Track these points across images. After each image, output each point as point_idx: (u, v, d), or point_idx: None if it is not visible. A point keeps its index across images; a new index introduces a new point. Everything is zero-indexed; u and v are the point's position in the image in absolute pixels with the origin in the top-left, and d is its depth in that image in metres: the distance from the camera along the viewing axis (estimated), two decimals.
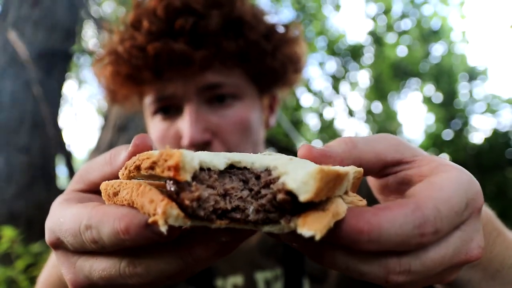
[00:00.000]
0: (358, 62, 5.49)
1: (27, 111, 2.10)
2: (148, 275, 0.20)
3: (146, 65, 0.42)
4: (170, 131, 0.46)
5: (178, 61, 0.40)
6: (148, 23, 0.41)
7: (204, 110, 0.44)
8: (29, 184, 2.04)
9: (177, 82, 0.43)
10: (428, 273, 0.20)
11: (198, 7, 0.40)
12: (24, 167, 2.03)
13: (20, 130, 2.06)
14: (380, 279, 0.19)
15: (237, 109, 0.45)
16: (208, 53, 0.41)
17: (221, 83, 0.44)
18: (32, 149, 2.08)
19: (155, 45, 0.40)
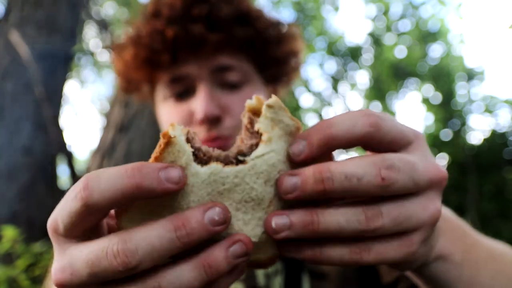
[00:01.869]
0: (357, 62, 5.52)
1: (29, 112, 2.10)
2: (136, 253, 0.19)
3: (165, 47, 0.46)
4: (182, 110, 0.49)
5: (194, 42, 0.45)
6: (167, 11, 0.46)
7: (216, 90, 0.48)
8: (31, 184, 2.04)
9: (192, 64, 0.47)
10: (397, 224, 0.22)
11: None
12: (25, 168, 2.03)
13: (21, 131, 2.06)
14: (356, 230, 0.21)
15: (246, 92, 0.49)
16: (221, 36, 0.46)
17: (232, 66, 0.48)
18: (34, 149, 2.08)
19: (173, 28, 0.45)
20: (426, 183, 0.23)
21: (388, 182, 0.20)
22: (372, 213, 0.21)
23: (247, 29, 0.48)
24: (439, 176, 0.24)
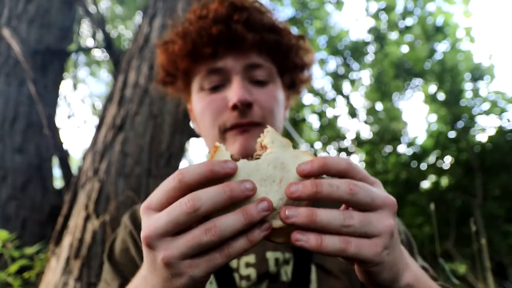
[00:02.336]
0: (359, 60, 5.43)
1: (22, 111, 2.06)
2: (200, 200, 0.31)
3: (208, 42, 0.57)
4: (217, 99, 0.58)
5: (234, 39, 0.56)
6: (213, 14, 0.58)
7: (247, 83, 0.59)
8: (24, 185, 2.00)
9: (228, 59, 0.58)
10: (364, 226, 0.33)
11: (250, 8, 0.60)
12: (18, 168, 2.00)
13: (14, 130, 2.02)
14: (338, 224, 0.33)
15: (271, 88, 0.60)
16: (256, 37, 0.58)
17: (261, 64, 0.60)
18: (27, 149, 2.04)
19: (218, 26, 0.56)
20: (381, 202, 0.35)
21: (353, 192, 0.33)
22: (347, 215, 0.33)
23: (275, 35, 0.60)
24: (390, 200, 0.36)
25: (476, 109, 4.88)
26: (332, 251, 0.32)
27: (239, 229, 0.32)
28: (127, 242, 0.64)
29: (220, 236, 0.31)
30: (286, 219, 0.32)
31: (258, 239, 0.33)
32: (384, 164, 5.59)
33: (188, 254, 0.32)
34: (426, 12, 5.12)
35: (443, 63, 5.05)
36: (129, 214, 0.69)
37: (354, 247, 0.33)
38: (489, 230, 4.00)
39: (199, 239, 0.31)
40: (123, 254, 0.64)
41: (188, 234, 0.32)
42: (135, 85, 1.99)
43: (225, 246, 0.32)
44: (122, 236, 0.66)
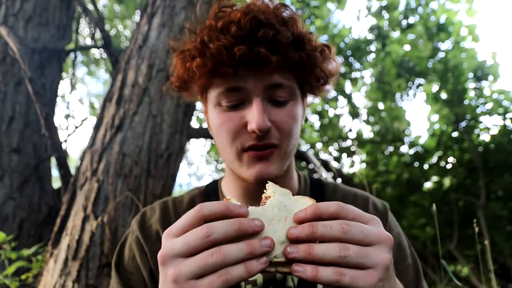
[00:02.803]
0: (361, 59, 5.39)
1: (20, 110, 2.04)
2: (213, 229, 0.38)
3: (230, 62, 0.54)
4: (235, 118, 0.57)
5: (257, 61, 0.53)
6: (235, 29, 0.54)
7: (267, 105, 0.58)
8: (21, 185, 1.99)
9: (250, 79, 0.56)
10: (360, 257, 0.38)
11: (274, 23, 0.55)
12: (16, 168, 1.98)
13: (11, 130, 2.01)
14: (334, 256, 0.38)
15: (290, 107, 0.59)
16: (280, 58, 0.55)
17: (283, 84, 0.58)
18: (25, 149, 2.03)
19: (241, 47, 0.53)
20: (375, 238, 0.40)
21: (345, 230, 0.39)
22: (343, 246, 0.38)
23: (300, 52, 0.57)
24: (385, 235, 0.41)
25: (479, 108, 4.83)
26: (327, 281, 0.38)
27: (241, 257, 0.37)
28: (134, 249, 0.64)
29: (223, 259, 0.37)
30: (288, 255, 0.39)
31: (256, 270, 0.38)
32: (386, 165, 5.56)
33: (194, 274, 0.37)
34: (429, 10, 5.07)
35: (446, 62, 5.00)
36: (138, 219, 0.68)
37: (348, 278, 0.38)
38: (492, 231, 3.96)
39: (205, 260, 0.37)
40: (131, 262, 0.64)
41: (197, 256, 0.38)
42: (133, 84, 1.96)
43: (224, 272, 0.37)
44: (130, 243, 0.66)
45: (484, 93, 4.93)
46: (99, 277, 1.57)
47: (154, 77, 1.97)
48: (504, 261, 4.20)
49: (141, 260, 0.63)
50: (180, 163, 2.09)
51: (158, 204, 0.68)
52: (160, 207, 0.67)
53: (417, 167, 5.27)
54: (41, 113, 1.92)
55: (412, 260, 0.66)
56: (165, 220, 0.65)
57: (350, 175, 5.29)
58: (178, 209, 0.66)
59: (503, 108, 4.62)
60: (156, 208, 0.67)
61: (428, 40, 5.12)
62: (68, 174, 2.02)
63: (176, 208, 0.66)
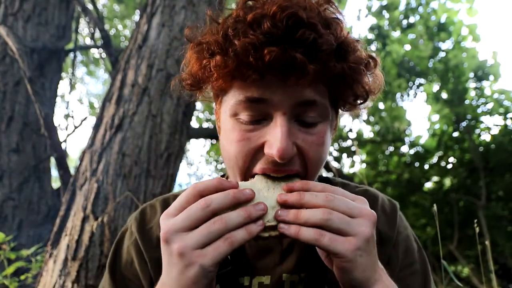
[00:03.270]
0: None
1: (19, 110, 2.04)
2: (211, 200, 0.41)
3: (257, 66, 0.43)
4: (251, 136, 0.47)
5: (292, 69, 0.42)
6: (269, 25, 0.42)
7: (293, 124, 0.47)
8: (20, 185, 1.98)
9: (277, 90, 0.45)
10: (342, 223, 0.41)
11: (317, 23, 0.44)
12: (15, 168, 1.98)
13: (11, 130, 2.00)
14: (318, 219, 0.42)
15: (321, 130, 0.49)
16: (319, 69, 0.43)
17: (316, 101, 0.47)
18: (24, 149, 2.02)
19: (272, 48, 0.41)
20: (357, 212, 0.43)
21: (329, 199, 0.42)
22: (327, 211, 0.41)
23: (342, 62, 0.46)
24: (367, 211, 0.43)
25: (480, 108, 4.82)
26: (307, 240, 0.41)
27: (241, 222, 0.40)
28: (132, 254, 0.60)
29: (226, 225, 0.40)
30: (278, 217, 0.43)
31: (255, 231, 0.41)
32: (386, 165, 5.55)
33: (200, 243, 0.39)
34: (430, 10, 5.06)
35: (446, 61, 4.99)
36: (137, 218, 0.62)
37: (327, 239, 0.40)
38: (493, 231, 3.95)
39: (209, 228, 0.39)
40: (128, 267, 0.60)
41: (200, 227, 0.40)
42: (133, 84, 1.96)
43: (229, 235, 0.40)
44: (127, 246, 0.61)
45: (485, 93, 4.92)
46: (99, 278, 1.57)
47: (154, 77, 1.97)
48: (505, 262, 4.19)
49: (141, 268, 0.58)
50: (180, 163, 2.08)
51: (159, 202, 0.62)
52: (162, 206, 0.61)
53: (418, 167, 5.26)
54: (40, 113, 1.92)
55: (420, 265, 0.62)
56: None
57: (351, 175, 5.29)
58: None
59: (504, 108, 4.61)
60: (157, 207, 0.62)
61: (428, 40, 5.11)
62: (68, 174, 2.02)
63: None
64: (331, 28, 0.46)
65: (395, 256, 0.60)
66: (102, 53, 3.50)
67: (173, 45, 2.02)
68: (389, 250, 0.60)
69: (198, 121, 5.49)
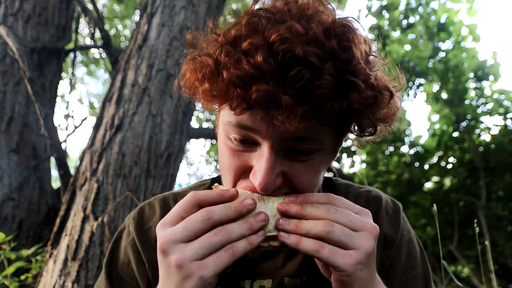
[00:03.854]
0: None
1: (19, 110, 2.04)
2: (212, 211, 0.40)
3: (244, 97, 0.41)
4: (241, 158, 0.48)
5: (279, 110, 0.40)
6: (262, 59, 0.39)
7: (280, 157, 0.45)
8: (20, 185, 1.98)
9: (266, 122, 0.43)
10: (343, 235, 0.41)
11: (315, 60, 0.39)
12: (15, 168, 1.97)
13: (10, 130, 2.00)
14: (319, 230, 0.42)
15: (314, 161, 0.46)
16: (308, 111, 0.40)
17: (309, 137, 0.44)
18: (24, 149, 2.02)
19: (261, 87, 0.39)
20: (359, 225, 0.43)
21: (331, 212, 0.42)
22: (328, 223, 0.41)
23: (342, 103, 0.40)
24: (370, 225, 0.43)
25: (480, 108, 4.82)
26: (307, 251, 0.41)
27: (242, 234, 0.41)
28: (130, 255, 0.59)
29: (228, 237, 0.39)
30: (279, 226, 0.43)
31: (256, 242, 0.41)
32: (386, 165, 5.55)
33: (199, 254, 0.39)
34: (430, 10, 5.06)
35: (446, 62, 4.99)
36: (135, 218, 0.61)
37: (327, 251, 0.40)
38: (493, 231, 3.95)
39: (210, 239, 0.39)
40: (125, 268, 0.59)
41: (201, 238, 0.39)
42: (133, 84, 1.96)
43: (230, 246, 0.40)
44: (125, 246, 0.60)
45: (485, 93, 4.93)
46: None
47: (154, 77, 1.97)
48: (505, 262, 4.19)
49: (138, 269, 0.57)
50: (179, 163, 2.08)
51: (158, 201, 0.61)
52: (161, 205, 0.60)
53: (418, 167, 5.26)
54: (40, 113, 1.92)
55: (422, 268, 0.62)
56: None
57: (351, 175, 5.29)
58: None
59: (504, 108, 4.61)
60: (156, 206, 0.60)
61: (428, 40, 5.11)
62: (68, 174, 2.02)
63: None
64: (337, 60, 0.40)
65: (398, 258, 0.60)
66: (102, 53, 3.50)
67: (173, 45, 2.02)
68: (393, 253, 0.59)
69: (198, 121, 5.49)
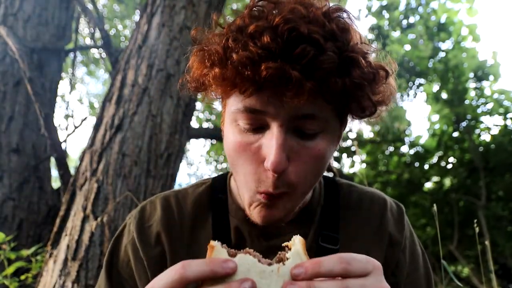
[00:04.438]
0: None
1: (19, 110, 2.04)
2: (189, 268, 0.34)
3: (253, 79, 0.43)
4: (252, 145, 0.48)
5: (288, 86, 0.42)
6: (269, 39, 0.42)
7: (290, 135, 0.47)
8: (20, 185, 1.98)
9: (274, 102, 0.45)
10: None
11: (319, 37, 0.42)
12: (15, 168, 1.97)
13: (11, 130, 2.00)
14: None
15: (318, 142, 0.48)
16: (316, 86, 0.42)
17: (315, 115, 0.46)
18: (24, 149, 2.02)
19: (270, 64, 0.41)
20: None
21: (346, 266, 0.36)
22: (343, 284, 0.35)
23: (344, 79, 0.44)
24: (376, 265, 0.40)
25: (480, 108, 4.82)
26: None
27: None
28: (129, 253, 0.58)
29: None
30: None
31: None
32: (386, 165, 5.55)
33: None
34: (430, 10, 5.06)
35: (446, 62, 4.99)
36: (136, 216, 0.60)
37: None
38: (493, 231, 3.95)
39: None
40: (125, 266, 0.59)
41: None
42: (133, 84, 1.96)
43: None
44: (125, 245, 0.59)
45: (485, 93, 4.93)
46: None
47: (154, 77, 1.97)
48: (505, 262, 4.20)
49: (136, 268, 0.57)
50: (180, 163, 2.08)
51: (159, 199, 0.61)
52: (162, 204, 0.60)
53: (418, 167, 5.27)
54: (40, 113, 1.92)
55: (424, 271, 0.61)
56: (168, 221, 0.57)
57: (351, 175, 5.29)
58: (182, 208, 0.59)
59: (504, 108, 4.61)
60: (157, 204, 0.60)
61: (428, 40, 5.12)
62: (68, 174, 2.02)
63: (180, 208, 0.59)
64: (337, 39, 0.44)
65: (403, 260, 0.59)
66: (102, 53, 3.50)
67: (173, 45, 2.02)
68: (398, 254, 0.59)
69: (198, 121, 5.49)
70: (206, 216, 0.57)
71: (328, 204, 0.59)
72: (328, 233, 0.56)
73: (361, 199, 0.62)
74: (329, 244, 0.55)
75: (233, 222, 0.56)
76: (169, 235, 0.56)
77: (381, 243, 0.58)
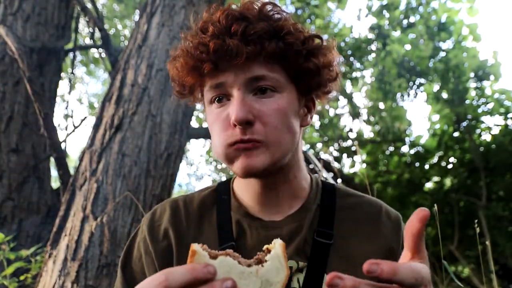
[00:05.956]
0: (362, 59, 5.38)
1: (18, 110, 2.04)
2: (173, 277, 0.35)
3: (208, 58, 0.55)
4: (222, 115, 0.57)
5: (231, 54, 0.53)
6: (212, 27, 0.55)
7: (249, 98, 0.56)
8: (20, 185, 1.98)
9: (229, 73, 0.55)
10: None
11: (250, 16, 0.55)
12: (14, 168, 1.97)
13: (10, 130, 2.00)
14: None
15: (276, 99, 0.56)
16: (254, 49, 0.53)
17: (265, 76, 0.55)
18: (23, 149, 2.02)
19: (215, 41, 0.54)
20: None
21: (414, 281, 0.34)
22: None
23: (277, 42, 0.54)
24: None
25: (480, 108, 4.82)
26: None
27: None
28: (141, 250, 0.63)
29: None
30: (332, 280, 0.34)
31: None
32: (387, 165, 5.55)
33: None
34: (430, 9, 5.06)
35: (447, 61, 4.99)
36: (148, 217, 0.66)
37: None
38: (493, 231, 3.95)
39: None
40: (137, 262, 0.63)
41: None
42: (133, 84, 1.96)
43: None
44: (138, 242, 0.65)
45: (486, 93, 4.92)
46: (98, 278, 1.57)
47: (154, 76, 1.97)
48: (506, 262, 4.19)
49: (146, 262, 0.61)
50: (179, 163, 2.08)
51: (169, 203, 0.67)
52: (171, 206, 0.65)
53: (418, 167, 5.26)
54: (40, 113, 1.91)
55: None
56: (176, 219, 0.63)
57: (351, 175, 5.29)
58: (188, 209, 0.64)
59: (505, 108, 4.60)
60: (166, 206, 0.66)
61: (429, 40, 5.11)
62: (67, 174, 2.02)
63: (187, 208, 0.64)
64: (269, 20, 0.55)
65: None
66: (102, 53, 3.50)
67: (173, 45, 2.02)
68: (396, 258, 0.60)
69: (198, 121, 5.50)
70: (211, 213, 0.63)
71: (324, 203, 0.63)
72: (323, 230, 0.59)
73: (357, 202, 0.65)
74: (324, 239, 0.58)
75: (234, 217, 0.61)
76: (176, 230, 0.61)
77: (378, 244, 0.60)
